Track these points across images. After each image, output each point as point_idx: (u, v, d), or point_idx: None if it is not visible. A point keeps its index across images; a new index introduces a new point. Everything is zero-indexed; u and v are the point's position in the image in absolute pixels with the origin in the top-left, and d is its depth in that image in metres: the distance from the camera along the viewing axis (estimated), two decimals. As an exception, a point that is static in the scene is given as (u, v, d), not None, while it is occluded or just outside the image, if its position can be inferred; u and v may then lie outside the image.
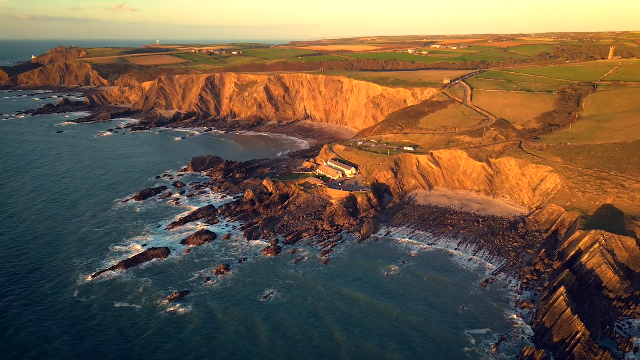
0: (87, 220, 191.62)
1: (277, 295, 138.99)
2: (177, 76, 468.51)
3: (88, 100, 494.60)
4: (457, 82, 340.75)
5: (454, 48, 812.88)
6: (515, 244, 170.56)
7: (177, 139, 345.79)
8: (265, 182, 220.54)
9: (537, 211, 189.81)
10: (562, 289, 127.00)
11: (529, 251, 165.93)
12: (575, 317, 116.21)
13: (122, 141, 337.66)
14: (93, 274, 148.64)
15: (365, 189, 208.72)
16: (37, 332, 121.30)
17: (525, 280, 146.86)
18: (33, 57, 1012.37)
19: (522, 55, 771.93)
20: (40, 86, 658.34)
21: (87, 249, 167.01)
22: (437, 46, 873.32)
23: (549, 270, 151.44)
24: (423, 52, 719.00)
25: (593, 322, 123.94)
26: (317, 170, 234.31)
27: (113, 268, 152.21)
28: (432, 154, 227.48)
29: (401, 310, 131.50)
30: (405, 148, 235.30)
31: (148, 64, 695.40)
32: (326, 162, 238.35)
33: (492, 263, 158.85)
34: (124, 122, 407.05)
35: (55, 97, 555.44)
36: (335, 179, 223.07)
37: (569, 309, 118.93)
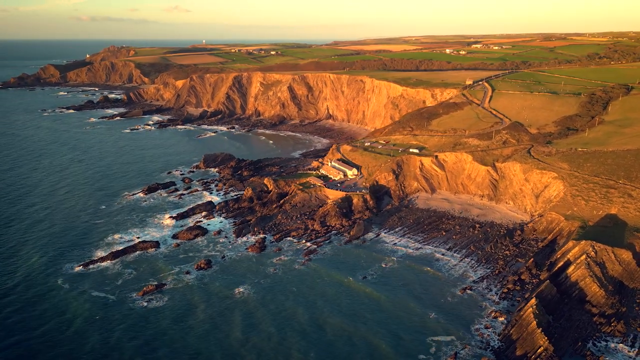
0: (90, 212, 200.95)
1: (249, 292, 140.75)
2: (208, 75, 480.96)
3: (125, 98, 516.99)
4: (481, 83, 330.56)
5: (496, 48, 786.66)
6: (507, 252, 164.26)
7: (198, 136, 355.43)
8: (266, 181, 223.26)
9: (537, 219, 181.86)
10: (534, 300, 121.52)
11: (520, 260, 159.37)
12: (539, 330, 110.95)
13: (145, 137, 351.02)
14: (82, 263, 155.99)
15: (363, 190, 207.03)
16: (18, 317, 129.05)
17: (505, 290, 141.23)
18: (87, 56, 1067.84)
19: (569, 55, 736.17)
20: (87, 83, 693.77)
21: (84, 238, 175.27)
22: (478, 46, 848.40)
23: (534, 280, 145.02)
24: (461, 52, 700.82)
25: (564, 338, 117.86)
26: (320, 170, 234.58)
27: (101, 259, 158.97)
28: (436, 156, 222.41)
29: (368, 313, 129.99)
30: (411, 150, 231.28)
31: (187, 63, 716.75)
32: (331, 162, 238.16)
33: (477, 270, 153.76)
34: (153, 118, 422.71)
35: (98, 94, 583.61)
36: (336, 179, 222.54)
37: (534, 322, 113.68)
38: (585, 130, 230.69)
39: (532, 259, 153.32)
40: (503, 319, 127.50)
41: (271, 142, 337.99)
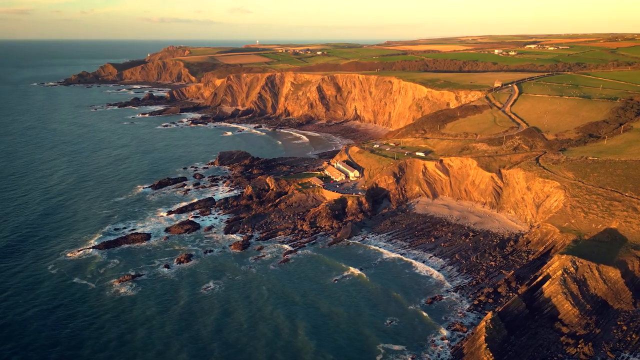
0: (99, 202, 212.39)
1: (218, 288, 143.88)
2: (244, 74, 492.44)
3: (168, 96, 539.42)
4: (510, 85, 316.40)
5: (551, 48, 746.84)
6: (492, 263, 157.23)
7: (225, 134, 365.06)
8: (267, 179, 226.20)
9: (533, 230, 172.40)
10: (490, 314, 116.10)
11: (504, 272, 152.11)
12: (484, 345, 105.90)
13: (175, 134, 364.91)
14: (75, 250, 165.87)
15: (360, 193, 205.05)
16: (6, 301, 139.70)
17: (476, 302, 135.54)
18: (148, 55, 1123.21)
19: (632, 57, 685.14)
20: (140, 81, 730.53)
21: (84, 227, 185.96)
22: (532, 46, 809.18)
23: (511, 294, 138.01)
24: (510, 53, 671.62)
25: (520, 356, 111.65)
26: (324, 171, 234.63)
27: (93, 247, 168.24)
28: (441, 160, 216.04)
29: (326, 314, 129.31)
30: (417, 153, 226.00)
31: (234, 63, 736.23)
32: (336, 164, 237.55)
33: (454, 280, 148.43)
34: (188, 116, 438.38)
35: (147, 91, 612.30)
36: (338, 180, 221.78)
37: (482, 337, 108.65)
38: (604, 137, 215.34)
39: (512, 272, 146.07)
40: (463, 331, 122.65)
41: (293, 141, 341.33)
